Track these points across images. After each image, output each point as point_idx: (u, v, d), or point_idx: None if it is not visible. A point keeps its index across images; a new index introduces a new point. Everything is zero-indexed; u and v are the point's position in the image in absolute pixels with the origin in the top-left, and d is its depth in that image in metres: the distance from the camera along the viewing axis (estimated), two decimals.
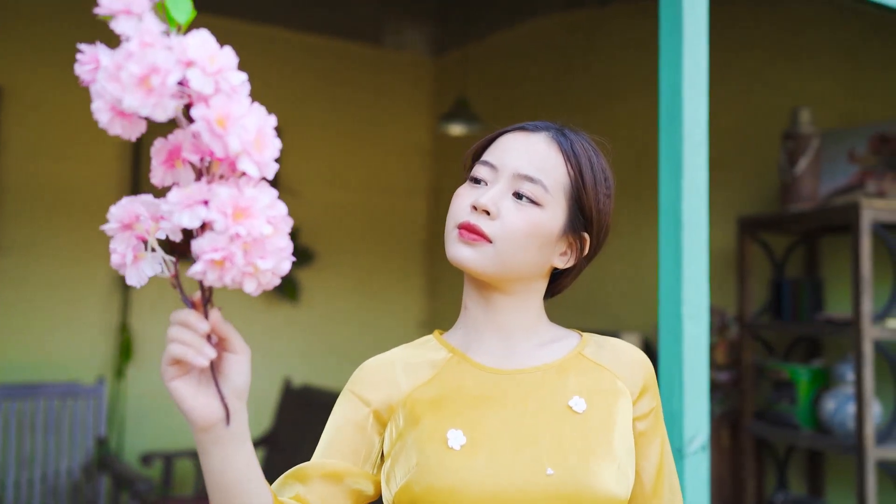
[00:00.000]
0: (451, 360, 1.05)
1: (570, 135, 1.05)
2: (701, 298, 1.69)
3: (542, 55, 4.16)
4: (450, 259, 1.02)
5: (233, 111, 0.66)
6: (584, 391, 1.00)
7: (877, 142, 2.83)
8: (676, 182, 1.71)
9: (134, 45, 0.64)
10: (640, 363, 1.07)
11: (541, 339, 1.06)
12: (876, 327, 2.47)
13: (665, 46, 1.75)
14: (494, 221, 0.99)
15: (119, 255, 0.73)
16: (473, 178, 1.04)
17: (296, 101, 4.32)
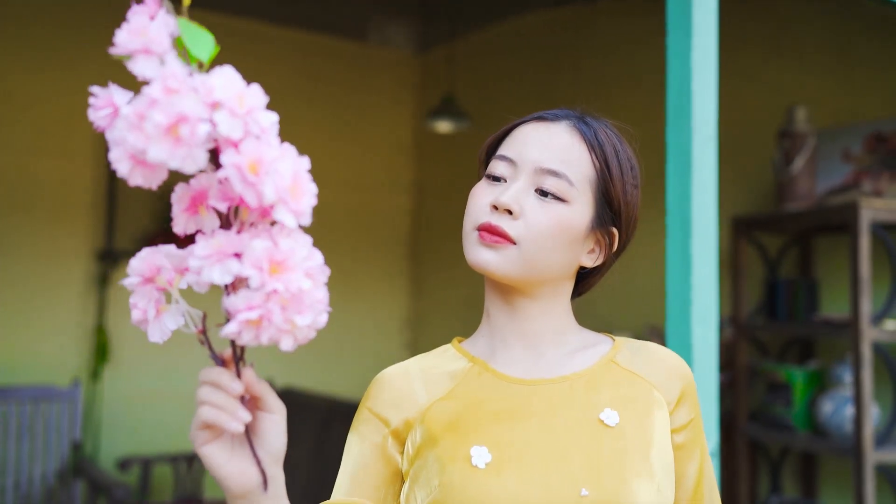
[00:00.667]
0: (472, 370, 0.97)
1: (593, 122, 0.98)
2: (710, 301, 1.63)
3: (530, 52, 4.09)
4: (470, 263, 0.94)
5: (265, 156, 0.60)
6: (617, 402, 0.93)
7: (872, 141, 2.80)
8: (685, 180, 1.64)
9: (157, 91, 0.58)
10: (678, 370, 0.98)
11: (571, 345, 0.99)
12: (874, 329, 2.43)
13: (673, 39, 1.69)
14: (517, 221, 0.92)
15: (140, 310, 0.68)
16: (490, 174, 0.97)
17: (277, 97, 4.17)
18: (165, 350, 3.89)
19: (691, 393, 0.98)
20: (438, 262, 4.54)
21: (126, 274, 0.71)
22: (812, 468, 2.89)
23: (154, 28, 0.60)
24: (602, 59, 3.69)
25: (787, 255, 3.00)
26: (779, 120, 2.94)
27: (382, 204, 4.59)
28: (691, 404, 0.97)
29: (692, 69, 1.65)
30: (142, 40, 0.60)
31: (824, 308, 2.85)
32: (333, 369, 4.23)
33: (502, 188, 0.94)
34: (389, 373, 1.00)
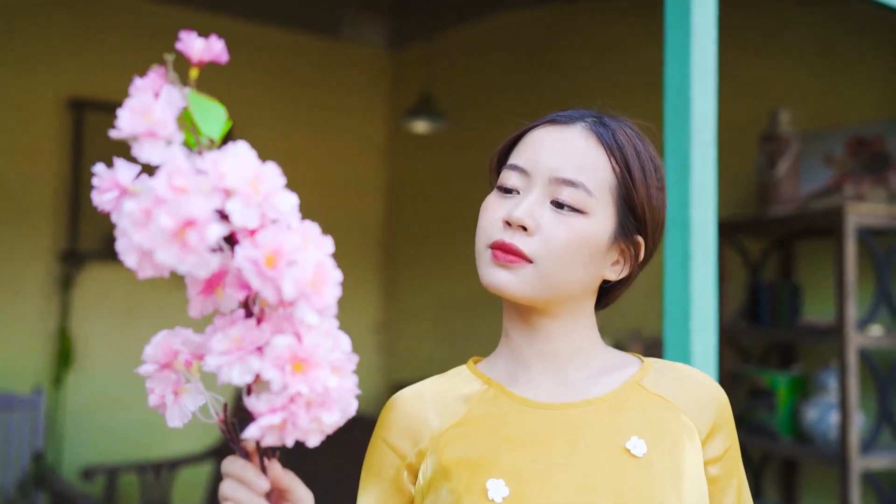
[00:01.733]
0: (487, 393, 0.90)
1: (611, 123, 0.91)
2: (709, 309, 1.59)
3: (508, 51, 4.04)
4: (484, 284, 0.87)
5: (284, 245, 0.55)
6: (644, 430, 0.85)
7: (854, 144, 2.79)
8: (684, 185, 1.60)
9: (163, 189, 0.52)
10: (711, 395, 0.91)
11: (595, 367, 0.92)
12: (860, 334, 2.41)
13: (671, 40, 1.64)
14: (533, 237, 0.85)
15: (157, 395, 0.65)
16: (502, 186, 0.89)
17: (246, 95, 4.12)
18: (132, 354, 3.77)
19: (727, 420, 0.90)
20: (412, 265, 4.46)
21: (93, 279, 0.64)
22: (794, 475, 2.88)
23: (159, 108, 0.55)
24: (581, 59, 3.65)
25: (769, 259, 2.98)
26: (761, 122, 2.92)
27: (354, 206, 4.50)
28: (727, 433, 0.90)
29: (691, 72, 1.60)
30: (146, 122, 0.55)
31: (806, 312, 2.83)
32: None
33: (515, 201, 0.87)
34: (403, 397, 0.93)
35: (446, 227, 4.24)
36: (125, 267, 0.57)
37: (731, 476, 0.89)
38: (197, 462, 3.46)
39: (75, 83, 3.69)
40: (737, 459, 0.90)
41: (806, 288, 2.86)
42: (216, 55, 0.59)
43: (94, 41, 3.73)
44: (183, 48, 0.57)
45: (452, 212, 4.20)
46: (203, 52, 0.59)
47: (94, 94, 3.71)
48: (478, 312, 3.93)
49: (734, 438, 0.91)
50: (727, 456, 0.89)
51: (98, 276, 3.71)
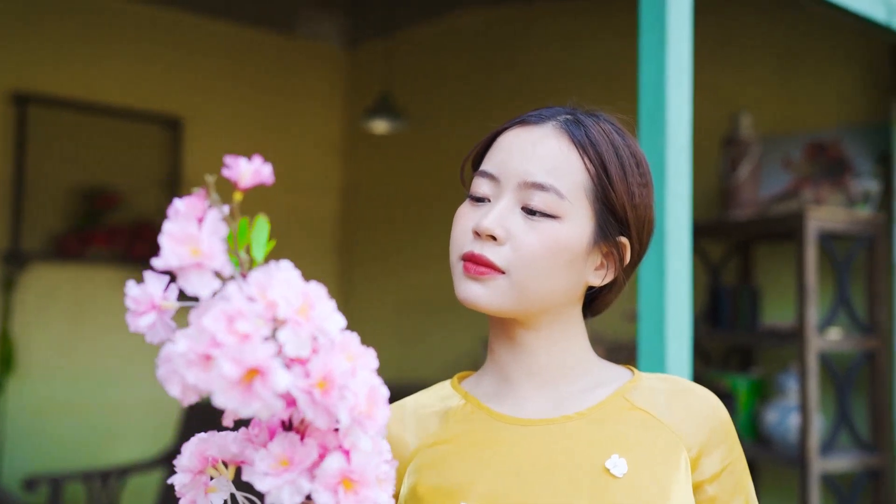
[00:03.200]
0: (464, 409, 0.86)
1: (585, 119, 0.85)
2: (684, 316, 1.57)
3: (469, 50, 4.00)
4: (459, 299, 0.83)
5: (335, 370, 0.52)
6: (626, 447, 0.80)
7: (812, 149, 2.82)
8: (659, 190, 1.57)
9: (222, 332, 0.49)
10: (704, 411, 0.85)
11: (585, 381, 0.87)
12: (819, 338, 2.43)
13: (646, 42, 1.62)
14: (503, 246, 0.81)
15: (188, 500, 0.63)
16: (473, 194, 0.85)
17: (198, 91, 4.01)
18: (78, 357, 3.64)
19: (724, 437, 0.85)
20: (370, 267, 4.40)
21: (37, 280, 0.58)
22: (754, 477, 2.89)
23: (206, 238, 0.51)
24: (542, 58, 3.64)
25: (730, 263, 2.99)
26: (720, 127, 2.93)
27: (310, 207, 4.41)
28: (725, 450, 0.84)
29: (667, 74, 1.58)
30: (193, 255, 0.51)
31: (766, 316, 2.85)
32: None
33: (485, 210, 0.83)
34: None
35: (405, 229, 4.18)
36: (71, 269, 0.52)
37: (733, 494, 0.84)
38: (147, 469, 3.35)
39: (19, 76, 3.54)
40: (741, 477, 0.85)
41: (765, 291, 2.88)
42: (264, 179, 0.56)
43: (38, 33, 3.59)
44: (230, 174, 0.54)
45: (411, 213, 4.15)
46: (253, 177, 0.57)
47: (39, 87, 3.57)
48: (436, 315, 3.89)
49: (736, 455, 0.85)
50: (726, 474, 0.84)
51: (42, 276, 3.57)
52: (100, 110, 3.72)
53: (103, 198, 3.65)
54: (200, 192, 0.54)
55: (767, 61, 3.00)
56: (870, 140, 2.70)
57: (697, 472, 0.83)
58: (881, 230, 2.57)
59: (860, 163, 2.70)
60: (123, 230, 3.69)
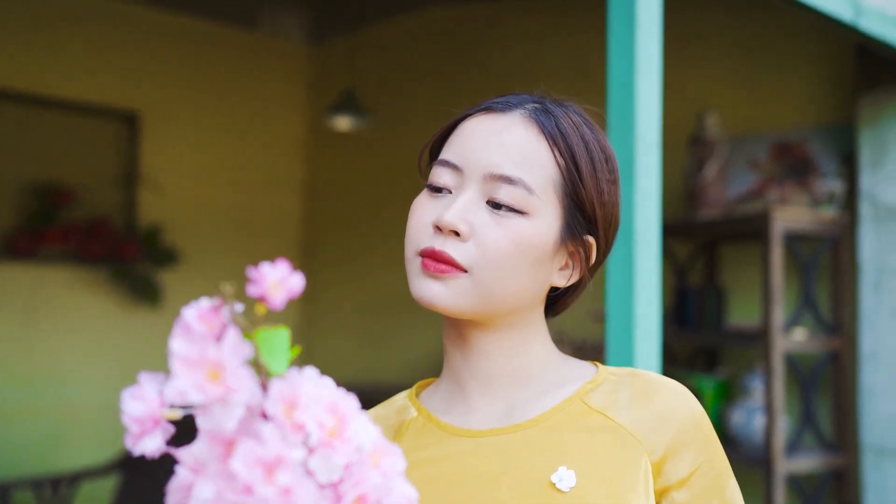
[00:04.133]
0: (416, 422, 0.80)
1: (554, 109, 0.80)
2: (653, 317, 1.54)
3: (435, 47, 3.96)
4: (415, 298, 0.76)
5: (368, 489, 0.47)
6: (576, 457, 0.73)
7: (777, 150, 2.82)
8: (628, 188, 1.54)
9: (260, 483, 0.42)
10: (671, 406, 0.77)
11: (547, 383, 0.80)
12: (784, 338, 2.42)
13: (615, 37, 1.58)
14: (467, 243, 0.75)
15: None
16: (432, 184, 0.79)
17: (158, 87, 3.90)
18: (31, 361, 3.52)
19: (694, 436, 0.76)
20: (332, 267, 4.33)
21: None
22: None
23: (230, 366, 0.43)
24: (508, 56, 3.60)
25: (696, 263, 2.98)
26: (687, 126, 2.92)
27: (272, 205, 4.33)
28: (696, 450, 0.76)
29: (636, 70, 1.55)
30: (215, 386, 0.43)
31: (731, 316, 2.84)
32: None
33: (446, 202, 0.77)
34: None
35: (368, 228, 4.12)
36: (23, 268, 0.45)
37: (708, 497, 0.76)
38: (99, 476, 3.25)
39: None
40: (717, 479, 0.77)
41: (731, 291, 2.87)
42: (293, 291, 0.48)
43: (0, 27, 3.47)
44: (255, 291, 0.46)
45: (375, 212, 4.08)
46: (282, 289, 0.48)
47: (5, 83, 3.45)
48: (400, 315, 3.84)
49: (711, 455, 0.77)
50: (697, 476, 0.75)
51: None
52: (54, 104, 3.60)
53: (56, 195, 3.53)
54: (215, 302, 0.46)
55: (734, 61, 2.99)
56: (835, 140, 2.71)
57: (663, 478, 0.75)
58: (845, 230, 2.57)
59: (825, 163, 2.70)
60: (78, 228, 3.58)
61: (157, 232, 3.81)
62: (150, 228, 3.80)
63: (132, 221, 3.77)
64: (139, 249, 3.71)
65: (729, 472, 0.79)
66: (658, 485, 0.75)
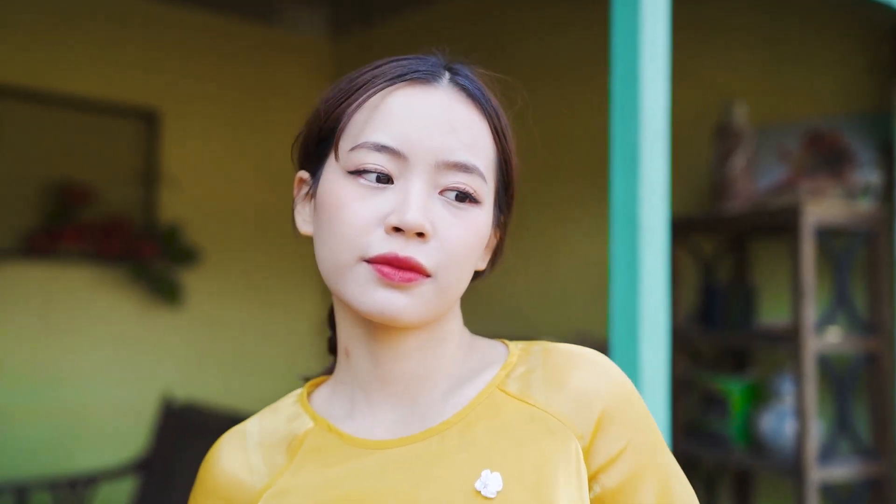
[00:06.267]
0: (313, 432, 0.70)
1: (472, 76, 0.73)
2: (660, 316, 1.43)
3: (450, 40, 3.86)
4: (367, 312, 0.65)
5: None
6: (500, 458, 0.65)
7: (809, 140, 2.67)
8: (632, 180, 1.43)
9: None
10: (593, 381, 0.69)
11: (456, 375, 0.72)
12: (817, 339, 2.28)
13: (619, 18, 1.47)
14: (429, 244, 0.65)
15: None
16: (361, 169, 0.67)
17: (176, 84, 3.87)
18: (49, 360, 3.51)
19: (620, 410, 0.68)
20: None
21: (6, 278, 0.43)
22: (748, 486, 2.75)
23: None
24: (525, 47, 3.50)
25: (723, 260, 2.85)
26: (711, 116, 2.79)
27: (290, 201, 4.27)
28: (622, 425, 0.68)
29: (640, 57, 1.44)
30: None
31: (761, 315, 2.70)
32: (240, 380, 3.91)
33: (390, 195, 0.66)
34: (223, 444, 0.73)
35: None
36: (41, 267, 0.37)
37: (638, 480, 0.67)
38: (117, 476, 3.22)
39: None
40: (646, 451, 0.68)
41: (760, 289, 2.73)
42: None
43: (7, 22, 3.46)
44: None
45: None
46: None
47: (8, 79, 3.44)
48: None
49: (639, 427, 0.69)
50: (628, 452, 0.67)
51: (12, 275, 3.44)
52: (72, 103, 3.59)
53: (75, 193, 3.52)
54: None
55: (760, 48, 2.85)
56: (871, 129, 2.55)
57: (591, 462, 0.67)
58: (883, 224, 2.42)
59: (861, 153, 2.55)
60: (95, 227, 3.56)
61: (177, 230, 3.78)
62: (169, 226, 3.77)
63: (152, 219, 3.74)
64: (158, 248, 3.69)
65: (664, 447, 0.70)
66: (588, 471, 0.67)
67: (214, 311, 3.94)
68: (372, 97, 0.70)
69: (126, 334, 3.68)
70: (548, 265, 3.25)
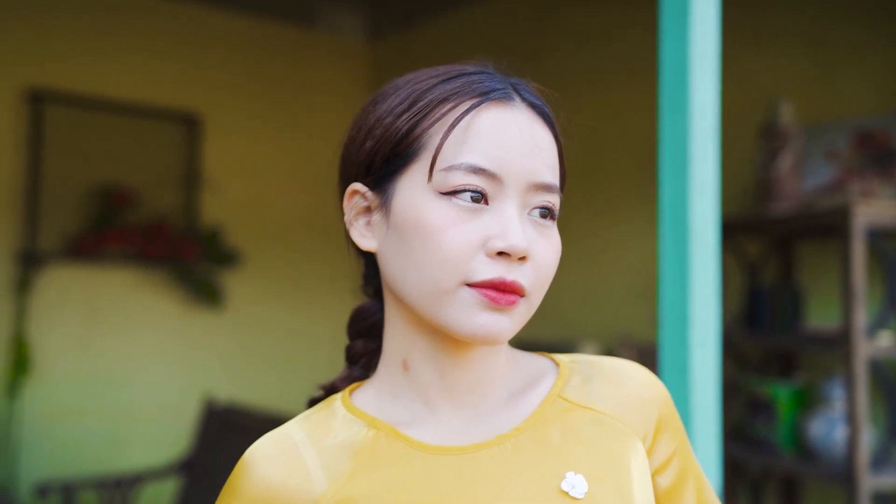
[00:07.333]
0: (375, 439, 0.68)
1: (530, 90, 0.74)
2: (710, 320, 1.40)
3: (490, 41, 3.85)
4: (469, 336, 0.65)
5: None
6: (580, 460, 0.67)
7: (858, 139, 2.61)
8: (681, 181, 1.41)
9: None
10: (648, 390, 0.74)
11: (510, 384, 0.73)
12: (869, 343, 2.23)
13: (668, 18, 1.45)
14: (526, 266, 0.66)
15: None
16: (460, 188, 0.65)
17: (217, 87, 3.91)
18: (93, 361, 3.56)
19: (670, 416, 0.74)
20: None
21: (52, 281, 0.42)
22: (796, 493, 2.69)
23: None
24: (565, 49, 3.47)
25: (769, 261, 2.79)
26: (756, 115, 2.74)
27: (333, 202, 4.26)
28: (672, 431, 0.74)
29: (690, 53, 1.41)
30: None
31: (809, 318, 2.65)
32: (280, 381, 3.93)
33: (488, 218, 0.66)
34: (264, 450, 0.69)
35: None
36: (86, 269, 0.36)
37: (684, 481, 0.74)
38: (161, 477, 3.26)
39: (34, 73, 3.48)
40: (687, 455, 0.75)
41: (808, 292, 2.68)
42: None
43: (54, 29, 3.52)
44: None
45: None
46: None
47: (55, 84, 3.50)
48: None
49: (681, 434, 0.76)
50: (676, 458, 0.74)
51: (58, 277, 3.50)
52: (116, 107, 3.64)
53: (119, 196, 3.57)
54: None
55: (807, 46, 2.79)
56: None
57: (650, 465, 0.72)
58: None
59: None
60: (138, 230, 3.60)
61: (218, 232, 3.82)
62: (210, 229, 3.81)
63: (193, 222, 3.78)
64: (200, 250, 3.72)
65: (692, 452, 0.78)
66: None
67: (255, 312, 3.97)
68: (463, 118, 0.68)
69: (168, 336, 3.72)
70: (590, 268, 3.22)
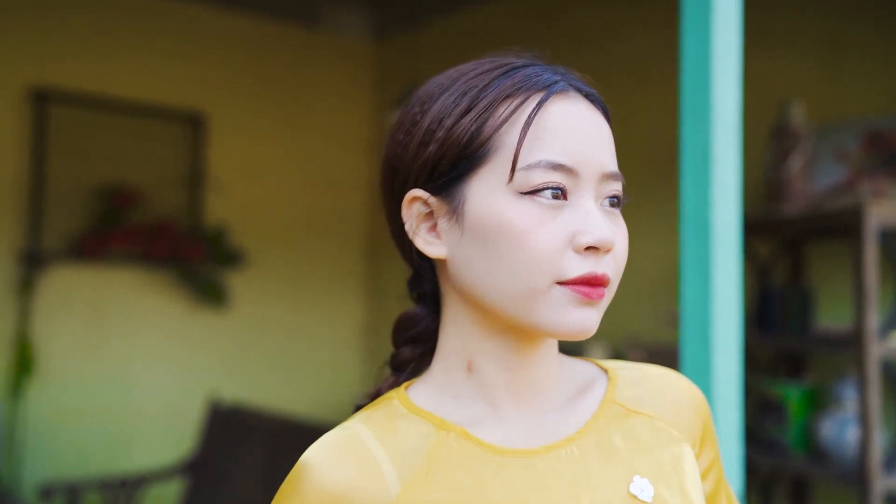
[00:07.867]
0: (443, 439, 0.67)
1: (579, 78, 0.75)
2: (733, 321, 1.39)
3: (498, 41, 3.83)
4: (563, 333, 0.65)
5: None
6: (644, 464, 0.68)
7: (869, 139, 2.60)
8: (703, 182, 1.40)
9: None
10: (692, 398, 0.77)
11: (565, 386, 0.73)
12: (881, 344, 2.22)
13: (689, 12, 1.44)
14: (608, 256, 0.66)
15: None
16: (544, 186, 0.65)
17: (221, 87, 3.89)
18: (97, 361, 3.54)
19: (711, 424, 0.77)
20: (399, 265, 4.25)
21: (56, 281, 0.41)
22: (807, 494, 2.69)
23: None
24: (571, 50, 3.46)
25: (779, 262, 2.79)
26: (766, 117, 2.73)
27: (337, 203, 4.27)
28: (713, 438, 0.77)
29: (712, 51, 1.40)
30: None
31: (819, 319, 2.64)
32: (285, 381, 3.92)
33: (567, 214, 0.65)
34: (330, 452, 0.67)
35: None
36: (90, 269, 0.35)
37: (721, 487, 0.78)
38: (166, 478, 3.24)
39: (38, 73, 3.46)
40: (721, 466, 0.78)
41: (819, 292, 2.67)
42: None
43: (58, 28, 3.50)
44: None
45: None
46: None
47: (58, 84, 3.48)
48: None
49: (717, 443, 0.79)
50: (716, 464, 0.77)
51: (62, 278, 3.48)
52: (120, 107, 3.62)
53: (122, 196, 3.55)
54: None
55: (817, 46, 2.78)
56: None
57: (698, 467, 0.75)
58: None
59: None
60: (143, 229, 3.59)
61: (223, 232, 3.80)
62: (215, 229, 3.79)
63: (197, 222, 3.76)
64: (204, 250, 3.70)
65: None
66: None
67: (259, 312, 3.95)
68: (535, 115, 0.67)
69: (173, 336, 3.70)
70: None
